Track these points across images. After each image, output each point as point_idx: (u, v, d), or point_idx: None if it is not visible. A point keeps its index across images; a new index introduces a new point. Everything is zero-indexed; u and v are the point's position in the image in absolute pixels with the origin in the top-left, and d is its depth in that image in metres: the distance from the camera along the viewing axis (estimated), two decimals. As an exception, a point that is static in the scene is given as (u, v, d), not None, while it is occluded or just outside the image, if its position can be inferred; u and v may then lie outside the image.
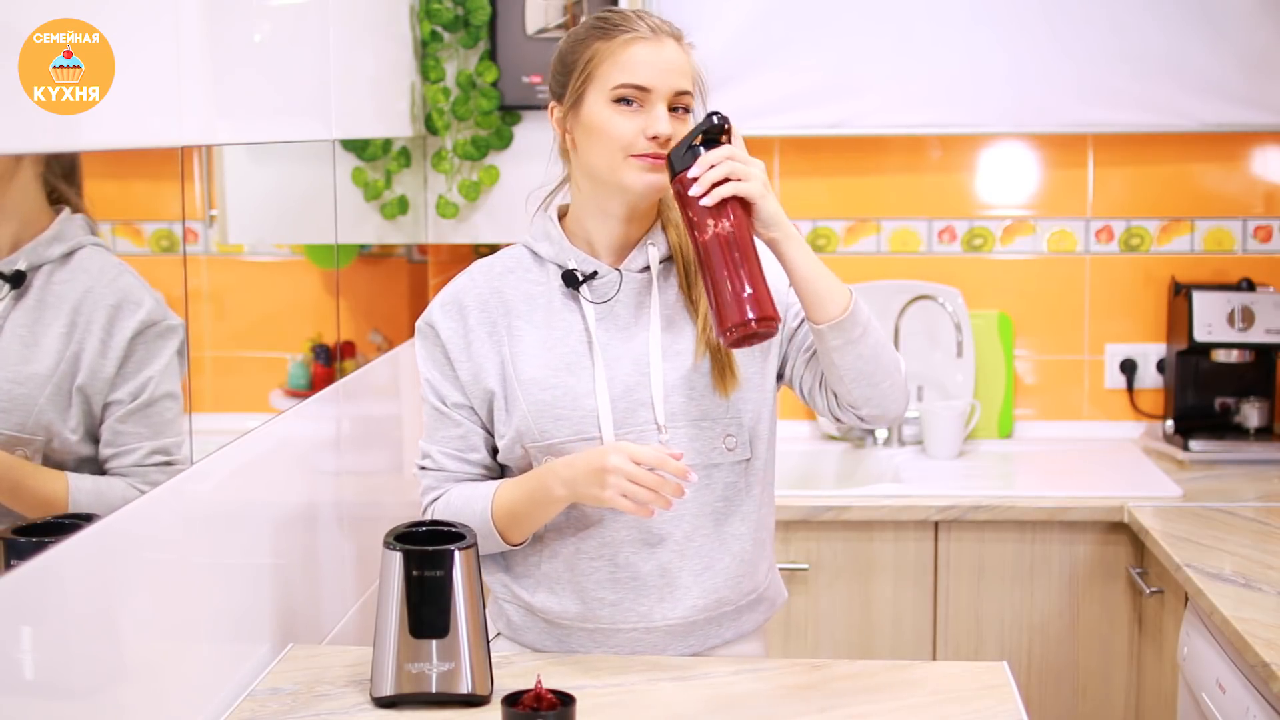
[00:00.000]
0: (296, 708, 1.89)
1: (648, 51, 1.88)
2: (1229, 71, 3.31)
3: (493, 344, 1.96)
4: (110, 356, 1.65)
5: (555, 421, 1.93)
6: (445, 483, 2.00)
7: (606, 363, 1.94)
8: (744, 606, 2.03)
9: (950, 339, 3.41)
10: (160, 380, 1.72)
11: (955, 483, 3.13)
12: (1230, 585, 2.40)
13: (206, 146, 1.99)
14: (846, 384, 1.90)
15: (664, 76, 1.88)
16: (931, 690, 1.92)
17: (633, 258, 1.97)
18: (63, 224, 1.64)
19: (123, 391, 1.66)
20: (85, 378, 1.62)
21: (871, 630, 3.02)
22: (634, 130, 1.87)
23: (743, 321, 1.76)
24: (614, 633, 1.99)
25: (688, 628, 1.99)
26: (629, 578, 1.97)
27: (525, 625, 2.04)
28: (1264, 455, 3.28)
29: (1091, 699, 3.01)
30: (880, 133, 3.43)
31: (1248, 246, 3.47)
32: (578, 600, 1.98)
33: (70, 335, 1.62)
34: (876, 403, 1.93)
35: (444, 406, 1.99)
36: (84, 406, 1.62)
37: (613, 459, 1.83)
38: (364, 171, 2.69)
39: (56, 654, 1.54)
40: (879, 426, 2.02)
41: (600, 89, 1.89)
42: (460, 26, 3.02)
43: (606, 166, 1.89)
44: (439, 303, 2.00)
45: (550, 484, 1.90)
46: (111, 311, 1.66)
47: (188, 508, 1.88)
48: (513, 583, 2.03)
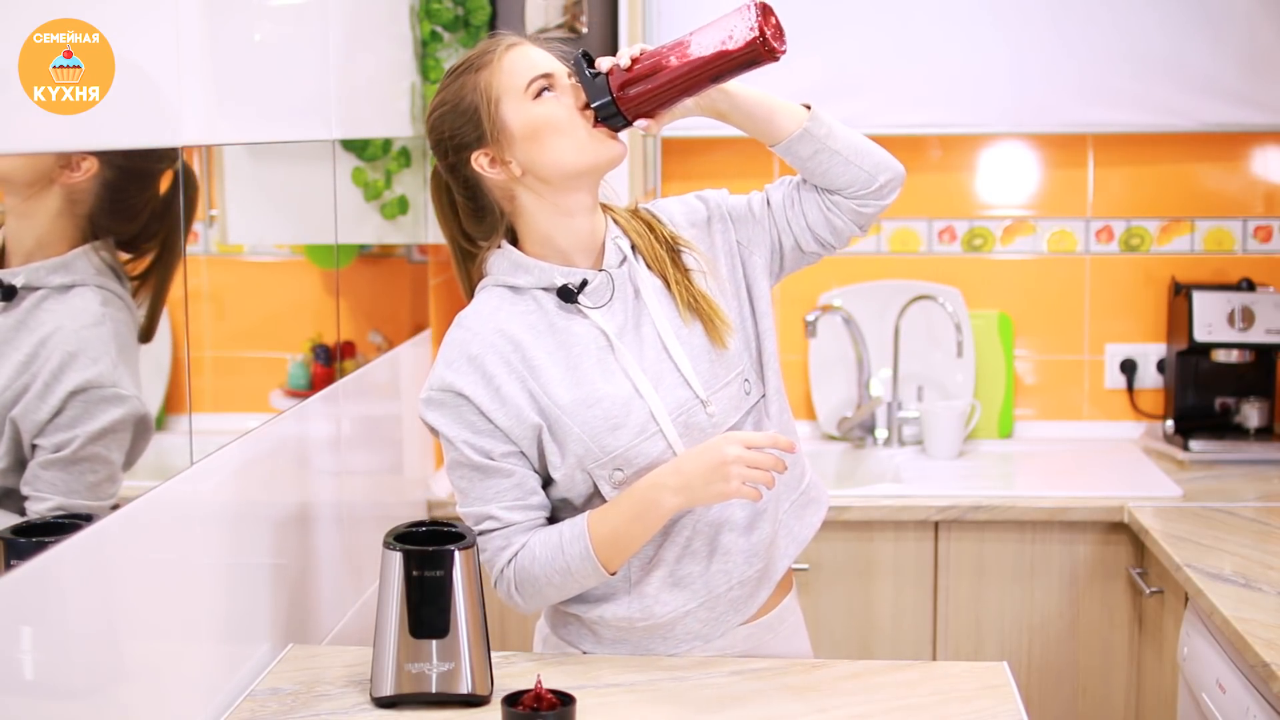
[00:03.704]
0: (296, 708, 1.90)
1: (525, 49, 1.94)
2: (1229, 71, 3.31)
3: (518, 382, 1.92)
4: (48, 403, 1.59)
5: (613, 433, 1.91)
6: (516, 537, 1.93)
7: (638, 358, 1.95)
8: (796, 506, 2.06)
9: (950, 339, 3.41)
10: (89, 443, 1.64)
11: (955, 483, 3.13)
12: (1230, 585, 2.40)
13: (206, 146, 1.99)
14: (846, 171, 2.02)
15: (553, 62, 1.95)
16: (931, 690, 1.92)
17: (608, 255, 1.98)
18: (74, 257, 1.62)
19: (49, 440, 1.60)
20: (20, 412, 1.57)
21: (871, 630, 3.02)
22: (568, 110, 1.91)
23: (755, 37, 1.88)
24: (709, 605, 1.99)
25: (764, 566, 2.00)
26: (704, 546, 1.97)
27: (619, 639, 2.01)
28: (1264, 455, 3.28)
29: (1091, 699, 3.01)
30: (880, 132, 3.39)
31: (1248, 246, 3.47)
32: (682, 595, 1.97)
33: (26, 367, 1.57)
34: (883, 166, 2.06)
35: (492, 461, 1.91)
36: (14, 439, 1.57)
37: (730, 450, 1.85)
38: (364, 171, 2.69)
39: (56, 654, 1.54)
40: (893, 193, 2.06)
41: (514, 99, 1.90)
42: (460, 26, 3.02)
43: (574, 152, 1.91)
44: (445, 365, 1.93)
45: (659, 498, 1.88)
46: (64, 359, 1.61)
47: (188, 508, 1.88)
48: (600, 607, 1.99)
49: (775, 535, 2.03)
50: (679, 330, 1.98)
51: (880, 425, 3.46)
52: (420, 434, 3.05)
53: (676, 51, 1.90)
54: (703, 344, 1.98)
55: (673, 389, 1.95)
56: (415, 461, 3.02)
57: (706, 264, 2.02)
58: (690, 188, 2.34)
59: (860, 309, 3.48)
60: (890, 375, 3.46)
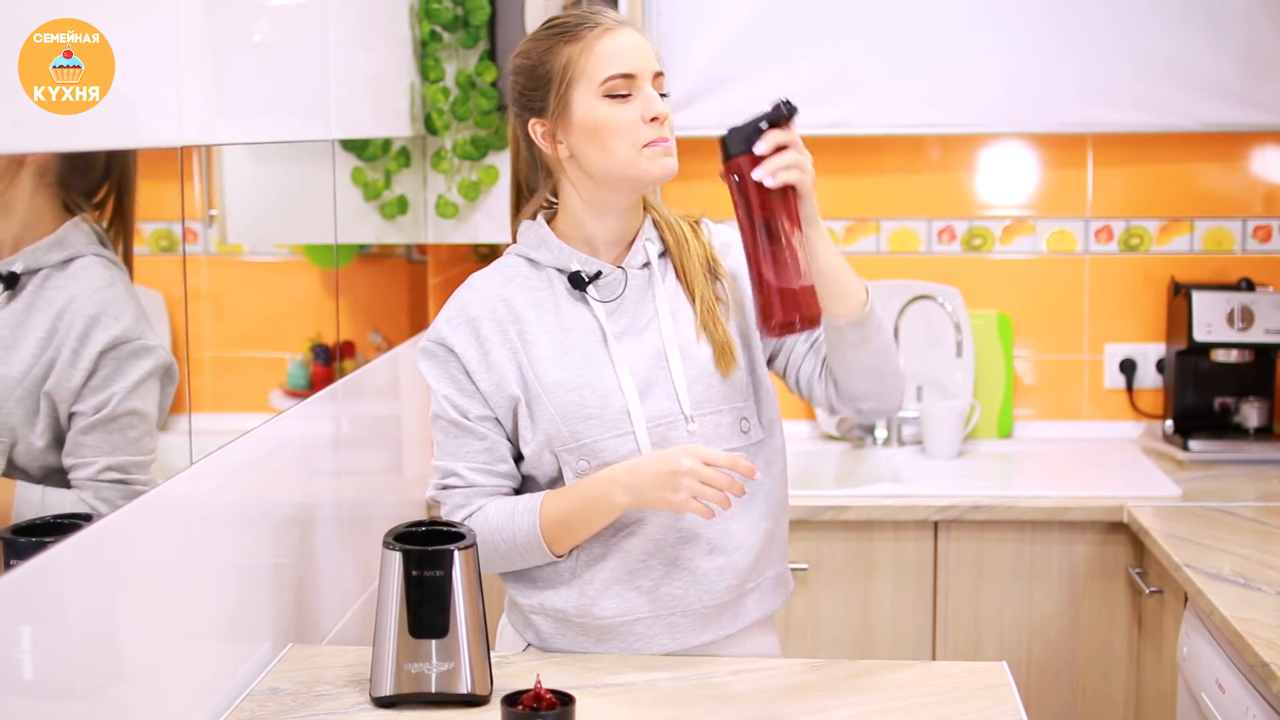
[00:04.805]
0: (296, 708, 1.90)
1: (620, 40, 1.91)
2: (1229, 71, 3.31)
3: (508, 352, 1.96)
4: (79, 367, 1.63)
5: (585, 421, 1.94)
6: (476, 499, 1.97)
7: (630, 359, 1.95)
8: (765, 585, 2.04)
9: (950, 339, 3.41)
10: (126, 398, 1.68)
11: (955, 483, 3.13)
12: (1230, 585, 2.40)
13: (206, 146, 1.99)
14: (855, 379, 1.96)
15: (643, 59, 1.91)
16: (931, 690, 1.92)
17: (633, 254, 1.98)
18: (66, 231, 1.64)
19: (87, 404, 1.64)
20: (53, 384, 1.61)
21: (871, 630, 3.02)
22: (634, 117, 1.89)
23: (789, 321, 1.82)
24: (654, 620, 1.98)
25: (720, 609, 2.00)
26: (663, 564, 1.97)
27: (556, 633, 2.02)
28: (1264, 455, 3.28)
29: (1091, 699, 3.01)
30: (880, 132, 3.43)
31: (1247, 246, 3.47)
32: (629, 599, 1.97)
33: (49, 341, 1.61)
34: (880, 397, 1.99)
35: (467, 420, 1.96)
36: (51, 414, 1.61)
37: (685, 462, 1.84)
38: (363, 171, 2.69)
39: (56, 654, 1.54)
40: (875, 420, 2.07)
41: (587, 89, 1.90)
42: (460, 26, 3.02)
43: (621, 162, 1.91)
44: (445, 320, 1.98)
45: (611, 491, 1.89)
46: (88, 323, 1.65)
47: (188, 508, 1.88)
48: (542, 594, 2.01)
49: (749, 586, 2.01)
50: (686, 345, 1.97)
51: (880, 425, 3.46)
52: (420, 434, 3.05)
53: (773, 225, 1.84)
54: (707, 365, 1.97)
55: (659, 399, 1.95)
56: (415, 461, 3.02)
57: (734, 302, 2.02)
58: (690, 187, 2.35)
59: (860, 309, 3.48)
60: (890, 375, 3.46)
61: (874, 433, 3.46)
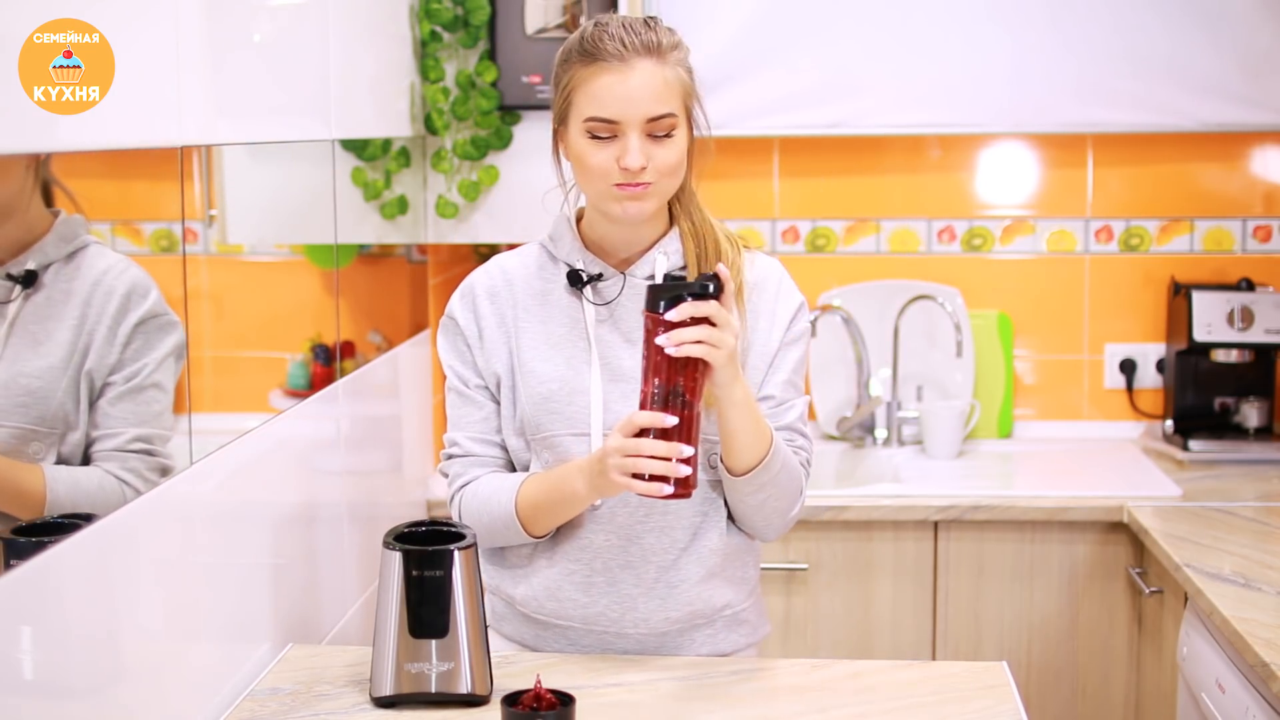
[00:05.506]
0: (296, 708, 1.90)
1: (614, 82, 1.86)
2: (1229, 71, 3.31)
3: (501, 333, 2.00)
4: (116, 343, 1.69)
5: (550, 415, 1.96)
6: (473, 469, 2.01)
7: (607, 364, 1.96)
8: (719, 624, 2.03)
9: (950, 339, 3.41)
10: (153, 370, 1.74)
11: (955, 483, 3.13)
12: (1230, 585, 2.40)
13: (206, 146, 2.00)
14: (736, 508, 1.98)
15: (631, 107, 1.86)
16: (931, 690, 1.92)
17: (640, 264, 1.98)
18: (64, 224, 1.66)
19: (119, 375, 1.70)
20: (93, 363, 1.67)
21: (871, 630, 3.02)
22: (608, 160, 1.88)
23: (661, 483, 1.77)
24: (585, 633, 2.00)
25: (659, 639, 2.00)
26: (605, 583, 1.98)
27: (505, 615, 2.06)
28: (1264, 455, 3.28)
29: (1091, 699, 3.01)
30: (880, 133, 3.43)
31: (1247, 246, 3.47)
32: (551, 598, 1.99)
33: (81, 327, 1.66)
34: (754, 530, 2.02)
35: (467, 389, 2.02)
36: (90, 393, 1.66)
37: (610, 441, 1.82)
38: (364, 171, 2.69)
39: (56, 654, 1.54)
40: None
41: (576, 119, 1.90)
42: (460, 26, 3.02)
43: (593, 194, 1.93)
44: (457, 294, 2.05)
45: (573, 478, 1.91)
46: (123, 300, 1.71)
47: (188, 508, 1.88)
48: (500, 575, 2.05)
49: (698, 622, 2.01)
50: None
51: (880, 425, 3.46)
52: (420, 434, 3.05)
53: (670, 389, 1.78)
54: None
55: (627, 409, 1.91)
56: (415, 461, 3.02)
57: (743, 341, 1.96)
58: (690, 188, 2.33)
59: (860, 309, 3.48)
60: (890, 375, 3.46)
61: (874, 432, 3.46)
